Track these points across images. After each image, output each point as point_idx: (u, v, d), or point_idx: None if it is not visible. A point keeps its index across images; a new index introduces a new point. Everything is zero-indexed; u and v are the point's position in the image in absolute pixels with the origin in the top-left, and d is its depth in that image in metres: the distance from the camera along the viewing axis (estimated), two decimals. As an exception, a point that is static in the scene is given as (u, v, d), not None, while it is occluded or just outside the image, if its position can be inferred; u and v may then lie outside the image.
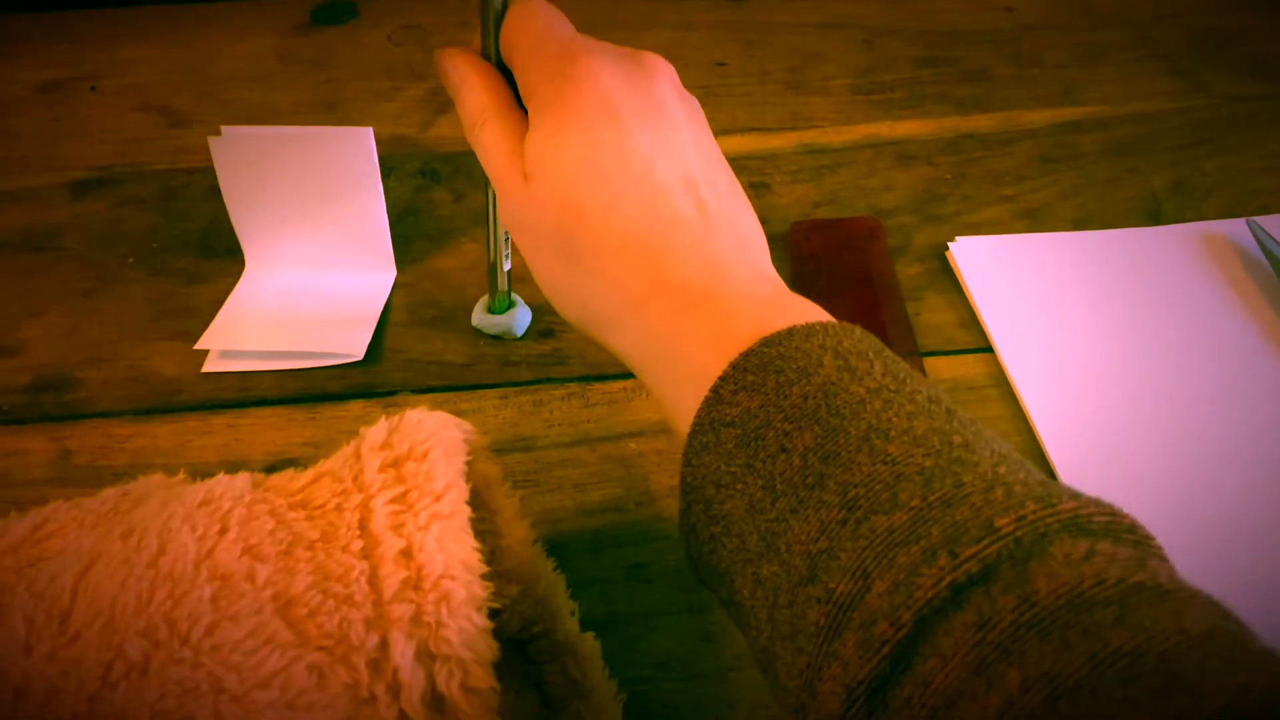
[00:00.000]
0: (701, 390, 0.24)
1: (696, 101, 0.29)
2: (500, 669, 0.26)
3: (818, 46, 0.53)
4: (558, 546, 0.32)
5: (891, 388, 0.23)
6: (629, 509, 0.35)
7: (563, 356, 0.39)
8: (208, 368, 0.38)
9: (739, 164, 0.46)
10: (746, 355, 0.24)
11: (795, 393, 0.22)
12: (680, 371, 0.25)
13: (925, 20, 0.54)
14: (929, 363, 0.38)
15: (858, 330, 0.24)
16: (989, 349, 0.39)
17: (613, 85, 0.27)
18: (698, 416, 0.24)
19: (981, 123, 0.48)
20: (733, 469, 0.23)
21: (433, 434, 0.26)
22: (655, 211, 0.26)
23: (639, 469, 0.36)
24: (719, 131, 0.47)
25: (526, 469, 0.35)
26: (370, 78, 0.51)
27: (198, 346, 0.38)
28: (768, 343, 0.24)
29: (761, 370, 0.23)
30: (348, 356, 0.38)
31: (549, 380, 0.38)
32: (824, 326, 0.24)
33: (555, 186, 0.27)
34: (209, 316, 0.40)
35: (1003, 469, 0.20)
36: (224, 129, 0.39)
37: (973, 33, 0.53)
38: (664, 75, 0.28)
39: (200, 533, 0.24)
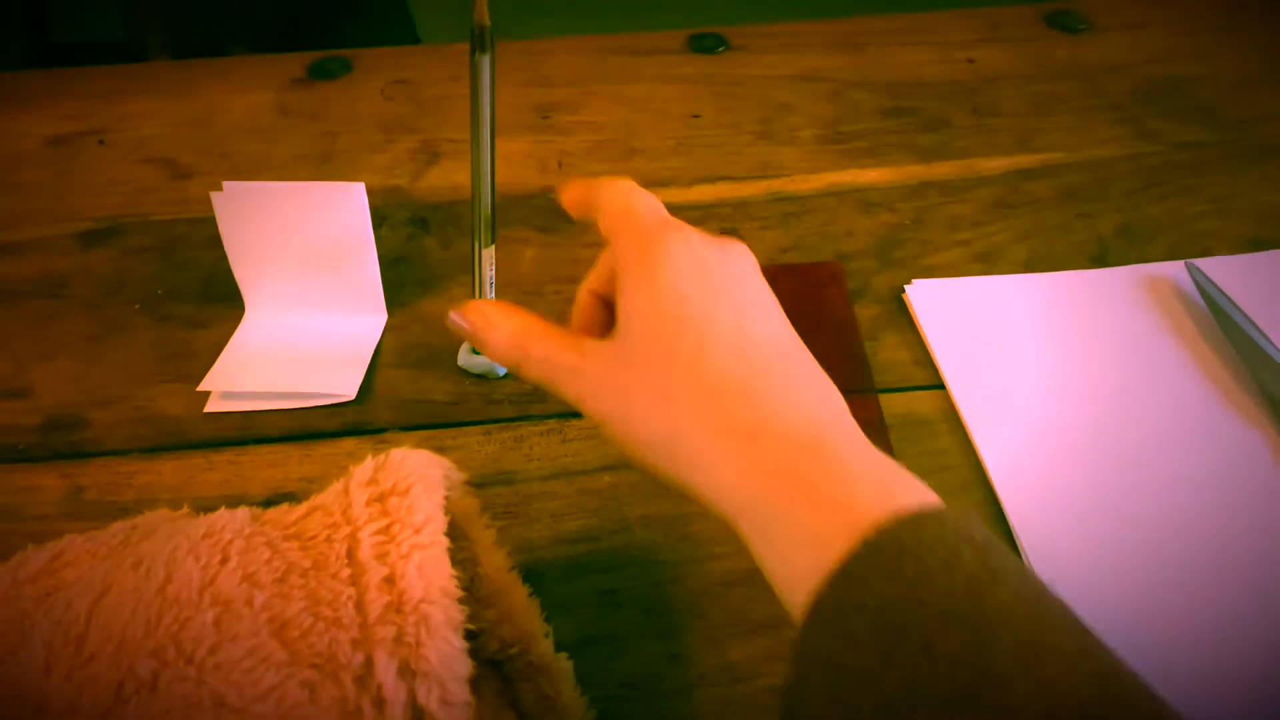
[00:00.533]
0: (820, 557, 0.23)
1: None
2: (478, 687, 0.28)
3: (787, 98, 0.56)
4: (535, 573, 0.34)
5: (1029, 596, 0.22)
6: (602, 538, 0.37)
7: (542, 395, 0.42)
8: (210, 408, 0.41)
9: (711, 212, 0.49)
10: (881, 534, 0.23)
11: (939, 587, 0.22)
12: (790, 529, 0.25)
13: (890, 72, 0.57)
14: (884, 398, 0.41)
15: (975, 516, 0.24)
16: (941, 386, 0.41)
17: (705, 253, 0.29)
18: (823, 594, 0.23)
19: (941, 170, 0.51)
20: (864, 660, 0.22)
21: (414, 471, 0.28)
22: (748, 361, 0.27)
23: (613, 500, 0.38)
24: (694, 180, 0.50)
25: (507, 501, 0.38)
26: (364, 130, 0.54)
27: (200, 388, 0.41)
28: (903, 524, 0.23)
29: (899, 555, 0.22)
30: (341, 396, 0.41)
31: (529, 417, 0.41)
32: (954, 514, 0.24)
33: (649, 336, 0.27)
34: (210, 360, 0.42)
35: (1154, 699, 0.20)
36: (225, 184, 0.42)
37: (935, 84, 0.56)
38: (748, 254, 0.30)
39: (204, 562, 0.26)
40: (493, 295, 0.40)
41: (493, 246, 0.40)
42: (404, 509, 0.27)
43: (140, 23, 1.18)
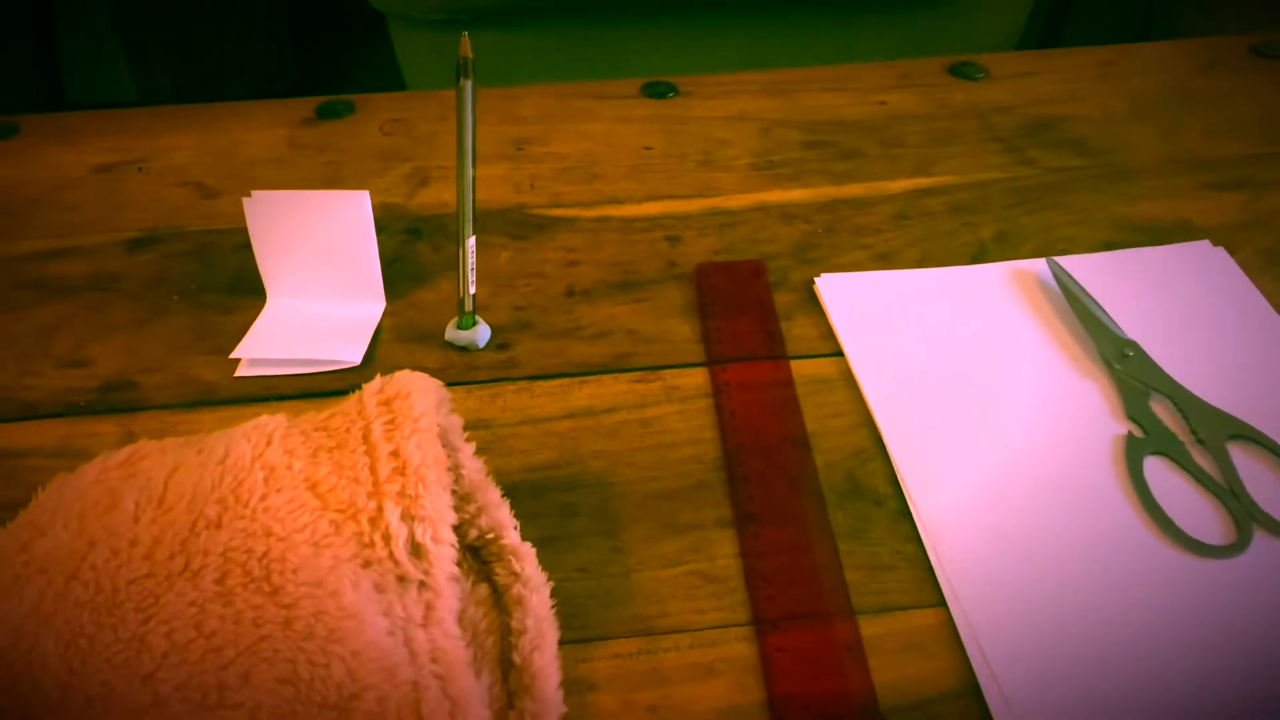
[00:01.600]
0: None
1: None
2: (460, 564, 0.37)
3: (725, 135, 0.66)
4: (508, 492, 0.42)
5: None
6: (562, 467, 0.46)
7: (515, 363, 0.51)
8: (239, 373, 0.50)
9: (659, 223, 0.59)
10: None
11: None
12: None
13: (813, 113, 0.67)
14: (795, 364, 0.50)
15: None
16: (840, 354, 0.50)
17: None
18: None
19: (852, 190, 0.61)
20: None
21: (413, 382, 0.37)
22: None
23: (571, 440, 0.47)
24: (645, 198, 0.59)
25: (485, 440, 0.46)
26: (365, 160, 0.64)
27: (231, 356, 0.50)
28: None
29: None
30: (348, 362, 0.50)
31: (504, 379, 0.50)
32: None
33: None
34: (239, 337, 0.51)
35: None
36: (254, 192, 0.51)
37: (851, 121, 0.67)
38: None
39: (253, 443, 0.35)
40: (474, 279, 0.50)
41: (474, 237, 0.49)
42: (405, 407, 0.36)
43: (151, 84, 1.29)
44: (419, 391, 0.36)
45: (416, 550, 0.34)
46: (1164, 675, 0.38)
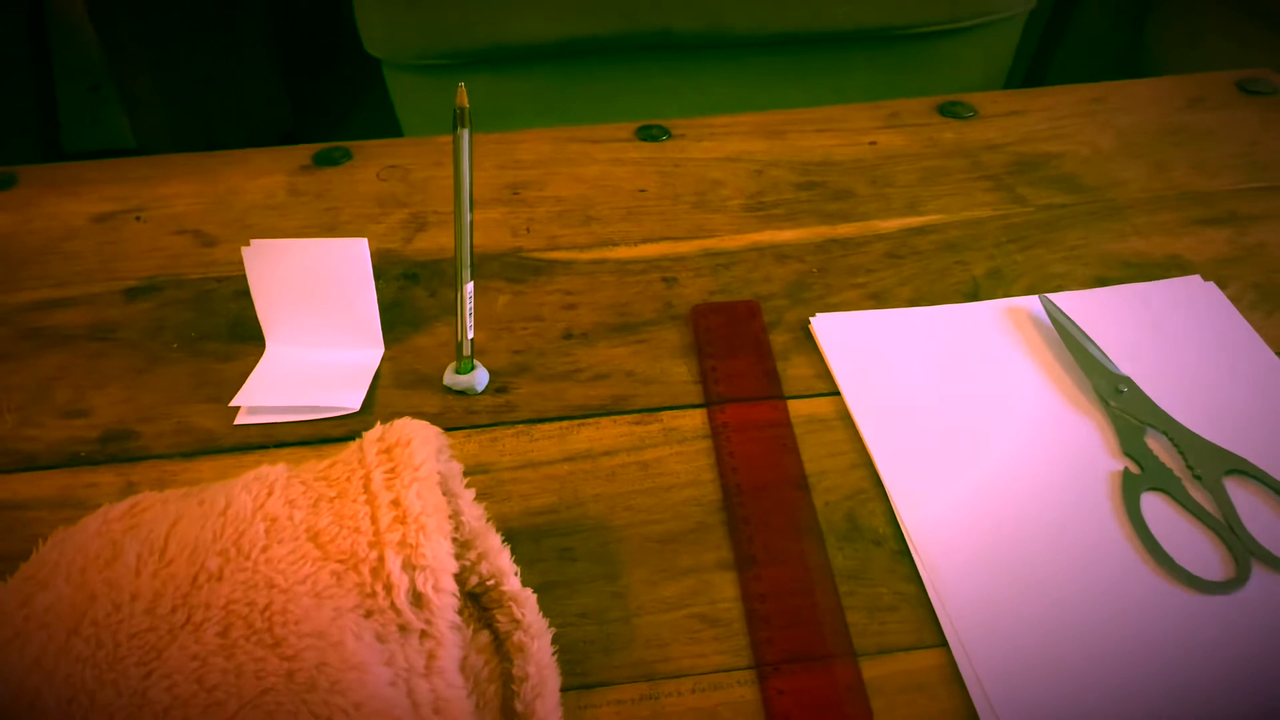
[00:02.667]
0: None
1: None
2: (461, 612, 0.37)
3: (719, 175, 0.66)
4: (508, 538, 0.42)
5: None
6: (561, 511, 0.46)
7: (513, 406, 0.51)
8: (239, 421, 0.50)
9: (655, 264, 0.59)
10: None
11: None
12: None
13: (804, 154, 0.68)
14: (791, 404, 0.50)
15: None
16: (837, 393, 0.51)
17: None
18: None
19: (844, 230, 0.61)
20: None
21: (413, 430, 0.37)
22: None
23: (570, 484, 0.47)
24: (640, 240, 0.60)
25: (485, 485, 0.47)
26: (362, 206, 0.64)
27: (232, 404, 0.50)
28: None
29: None
30: (347, 409, 0.50)
31: (503, 423, 0.50)
32: None
33: None
34: (238, 385, 0.51)
35: None
36: (253, 241, 0.51)
37: (842, 161, 0.67)
38: None
39: (254, 493, 0.35)
40: (472, 323, 0.50)
41: (472, 283, 0.49)
42: (406, 455, 0.36)
43: (148, 132, 1.30)
44: (419, 439, 0.37)
45: (418, 599, 0.34)
46: (1166, 712, 0.38)
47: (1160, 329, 0.53)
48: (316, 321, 0.53)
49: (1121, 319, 0.54)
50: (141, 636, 0.32)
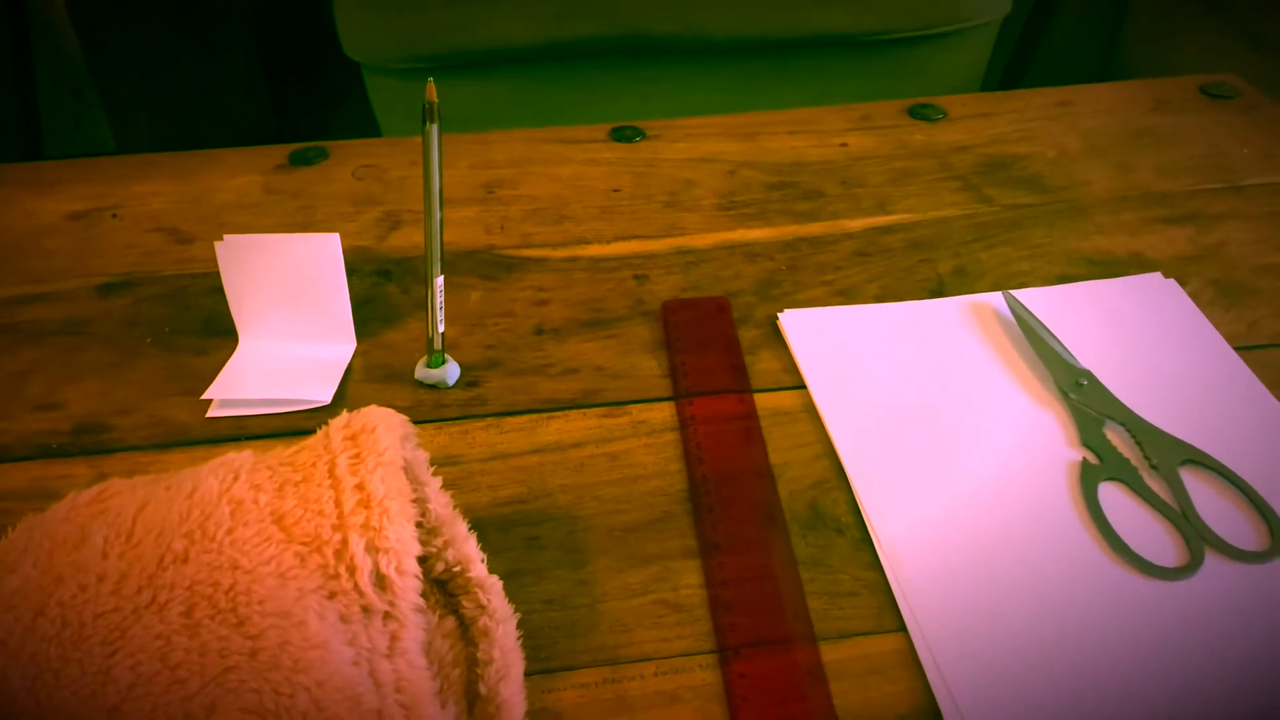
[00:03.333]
0: None
1: None
2: (427, 597, 0.37)
3: (691, 176, 0.67)
4: (476, 526, 0.42)
5: None
6: (530, 501, 0.46)
7: (484, 400, 0.51)
8: (211, 414, 0.50)
9: (627, 262, 0.60)
10: None
11: None
12: None
13: (776, 155, 0.69)
14: (758, 397, 0.51)
15: None
16: (803, 387, 0.51)
17: None
18: None
19: (813, 229, 0.62)
20: None
21: (378, 417, 0.38)
22: None
23: (539, 475, 0.47)
24: (613, 238, 0.61)
25: (454, 476, 0.47)
26: (337, 205, 0.65)
27: (204, 396, 0.50)
28: None
29: None
30: (318, 401, 0.50)
31: (473, 416, 0.50)
32: None
33: None
34: (211, 379, 0.52)
35: None
36: (226, 236, 0.52)
37: (813, 163, 0.68)
38: None
39: (220, 478, 0.36)
40: (442, 317, 0.50)
41: (441, 277, 0.50)
42: (371, 441, 0.37)
43: (129, 135, 1.30)
44: (384, 426, 0.37)
45: (381, 582, 0.34)
46: (1119, 695, 0.38)
47: (1121, 324, 0.54)
48: (289, 316, 0.53)
49: (1083, 315, 0.55)
50: (107, 617, 0.32)
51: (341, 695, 0.31)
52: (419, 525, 0.38)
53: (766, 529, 0.44)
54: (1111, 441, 0.48)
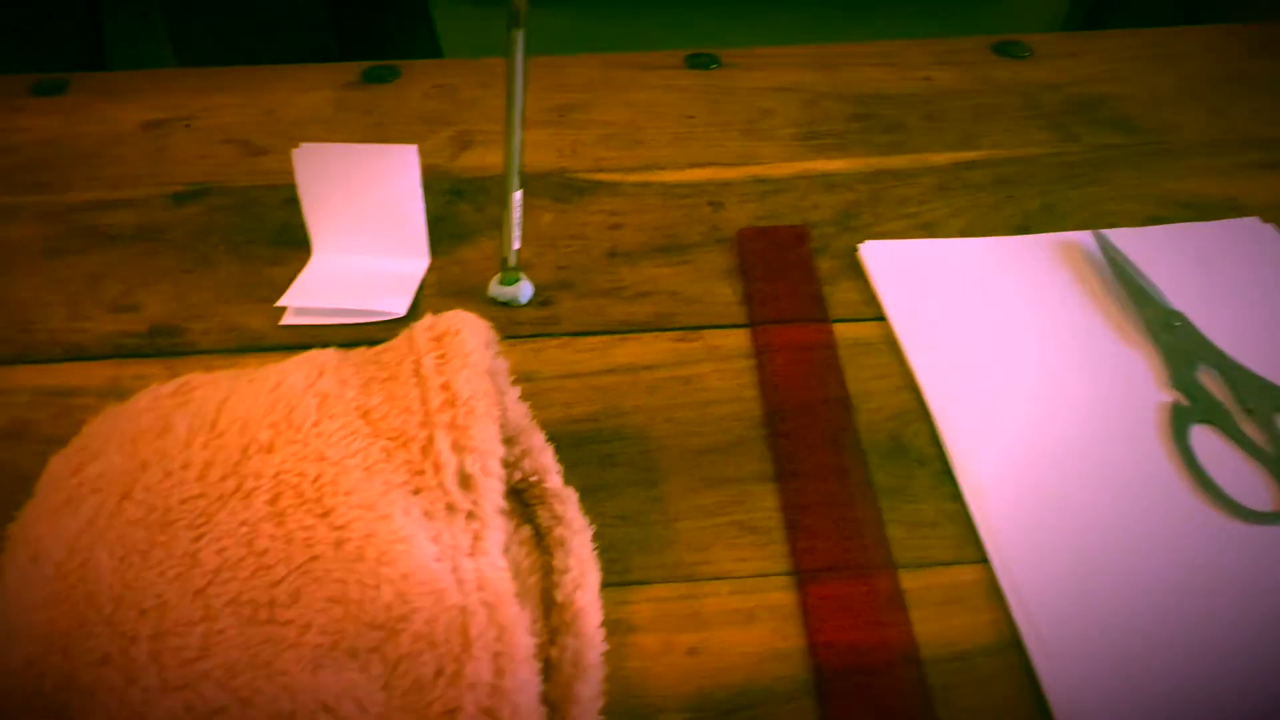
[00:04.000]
0: None
1: None
2: (504, 505, 0.37)
3: (769, 105, 0.65)
4: (550, 441, 0.42)
5: None
6: (603, 420, 0.46)
7: (557, 319, 0.51)
8: (285, 321, 0.50)
9: (701, 189, 0.59)
10: None
11: None
12: None
13: (858, 86, 0.67)
14: (836, 327, 0.50)
15: None
16: (883, 319, 0.50)
17: None
18: None
19: (895, 161, 0.61)
20: None
21: (463, 321, 0.37)
22: None
23: (612, 395, 0.47)
24: (687, 165, 0.59)
25: (528, 392, 0.46)
26: (409, 124, 0.64)
27: (278, 304, 0.50)
28: None
29: None
30: (393, 313, 0.50)
31: (546, 334, 0.50)
32: None
33: None
34: (284, 288, 0.52)
35: None
36: (303, 144, 0.51)
37: (896, 95, 0.66)
38: None
39: (306, 372, 0.35)
40: (519, 234, 0.50)
41: (520, 191, 0.49)
42: (456, 343, 0.36)
43: (192, 61, 1.30)
44: (469, 329, 0.37)
45: (465, 481, 0.34)
46: (1207, 636, 0.37)
47: (1215, 268, 0.53)
48: (363, 228, 0.53)
49: (1176, 257, 0.53)
50: (192, 503, 0.32)
51: (425, 590, 0.31)
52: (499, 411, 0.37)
53: (844, 457, 0.44)
54: (1203, 384, 0.46)
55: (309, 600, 0.31)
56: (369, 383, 0.35)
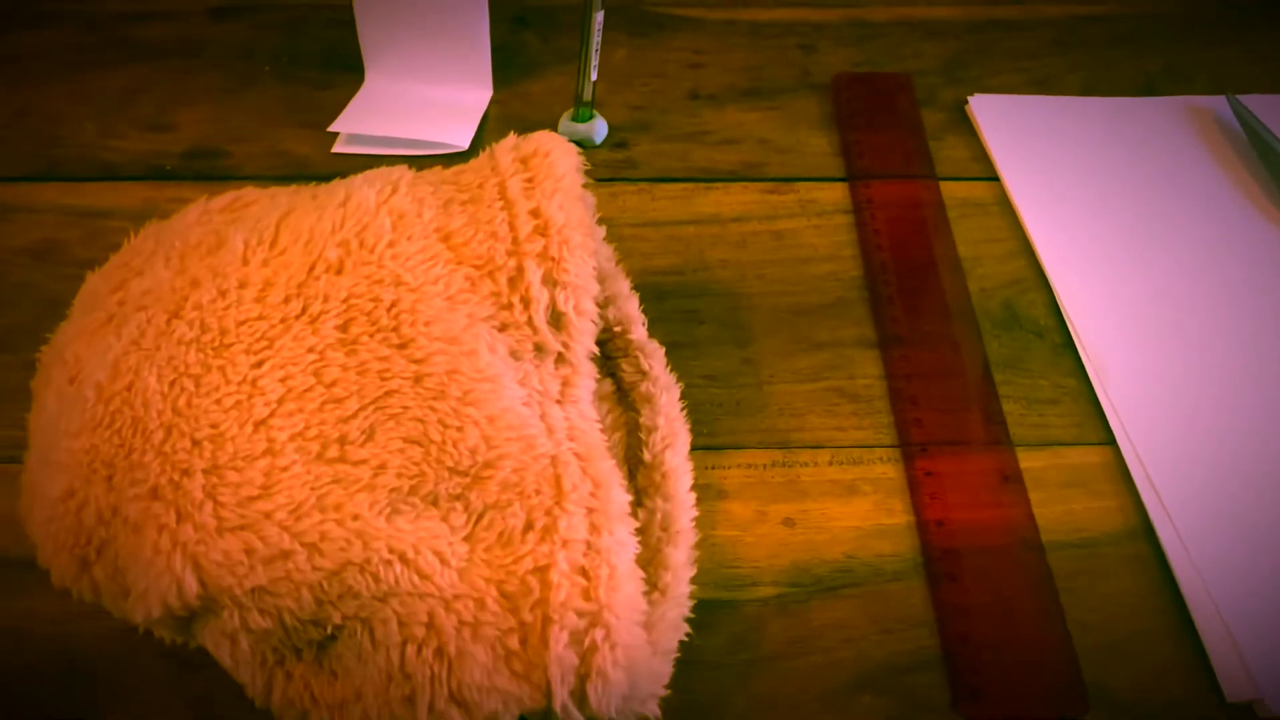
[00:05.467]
0: None
1: None
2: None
3: (865, -56, 0.59)
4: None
5: None
6: (686, 273, 0.42)
7: (634, 163, 0.46)
8: (336, 149, 0.46)
9: (792, 29, 0.53)
10: None
11: None
12: None
13: (961, -70, 0.61)
14: (945, 185, 0.45)
15: None
16: (995, 179, 0.45)
17: None
18: None
19: (1006, 12, 0.55)
20: None
21: (553, 142, 0.33)
22: None
23: (696, 247, 0.43)
24: (776, 3, 0.54)
25: (604, 240, 0.42)
26: (468, -54, 0.58)
27: (331, 129, 0.46)
28: None
29: None
30: (454, 146, 0.46)
31: (622, 179, 0.45)
32: None
33: None
34: (334, 114, 0.47)
35: None
36: (360, -47, 0.46)
37: (1003, -58, 0.60)
38: None
39: (378, 188, 0.31)
40: (597, 61, 0.45)
41: (601, 12, 0.44)
42: (546, 165, 0.32)
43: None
44: (560, 151, 0.32)
45: (557, 320, 0.30)
46: (1361, 536, 0.34)
47: (1363, 142, 0.47)
48: (423, 52, 0.48)
49: (1319, 128, 0.48)
50: (251, 325, 0.28)
51: (514, 434, 0.27)
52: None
53: (955, 325, 0.39)
54: (1351, 267, 0.42)
55: (384, 439, 0.27)
56: (449, 204, 0.31)
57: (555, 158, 0.32)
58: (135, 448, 0.27)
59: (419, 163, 0.43)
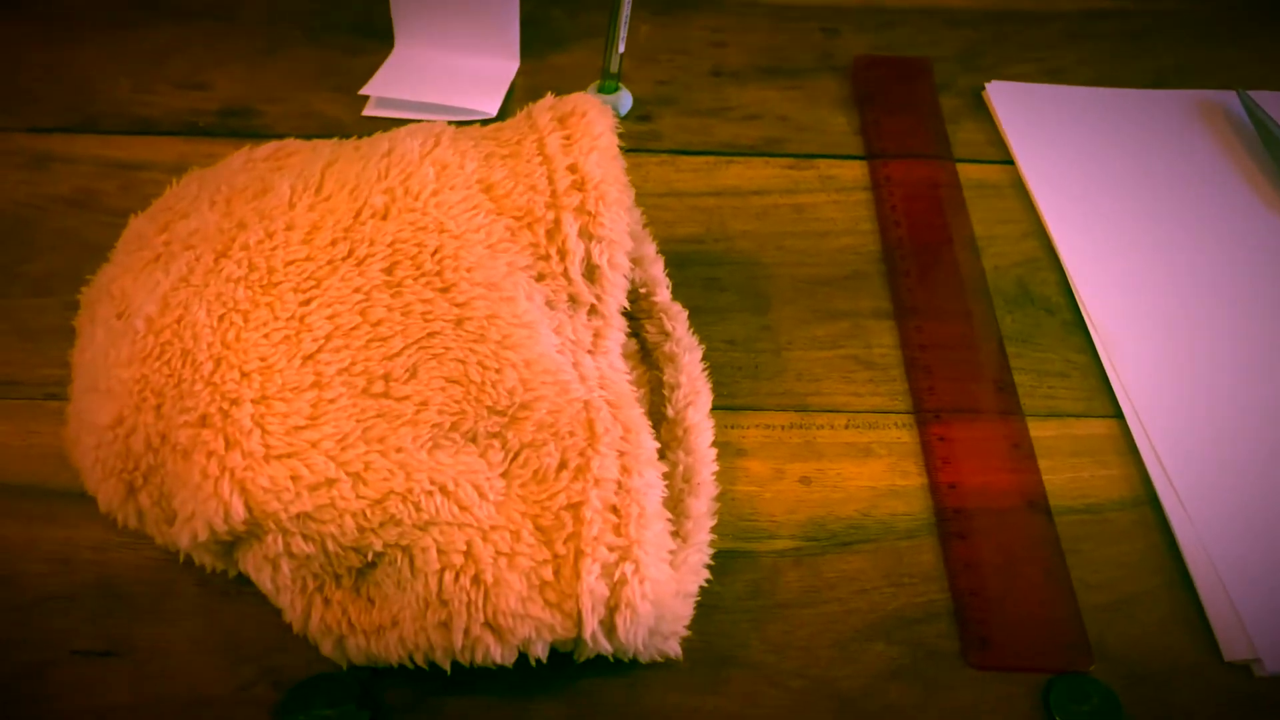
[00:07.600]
0: None
1: None
2: None
3: (885, -66, 0.60)
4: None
5: None
6: (708, 242, 0.43)
7: (658, 135, 0.47)
8: (367, 112, 0.47)
9: (814, 13, 0.54)
10: None
11: None
12: None
13: (980, -77, 0.62)
14: (961, 167, 0.46)
15: None
16: (1010, 162, 0.47)
17: None
18: None
19: (1021, 3, 0.56)
20: None
21: (589, 102, 0.34)
22: None
23: (718, 217, 0.44)
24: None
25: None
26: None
27: (362, 91, 0.46)
28: None
29: None
30: (483, 113, 0.46)
31: (647, 150, 0.46)
32: None
33: None
34: (364, 78, 0.48)
35: None
36: (397, -80, 0.47)
37: (1021, -63, 0.61)
38: None
39: (421, 140, 0.32)
40: (625, 35, 0.46)
41: (634, -13, 0.45)
42: (583, 124, 0.33)
43: None
44: (596, 111, 0.33)
45: (591, 273, 0.31)
46: (1356, 510, 0.35)
47: (1368, 140, 0.49)
48: (452, 21, 0.49)
49: (1325, 125, 0.49)
50: (299, 265, 0.29)
51: (550, 379, 0.29)
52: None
53: (969, 300, 0.41)
54: (1353, 258, 0.43)
55: (426, 377, 0.28)
56: (490, 157, 0.32)
57: (592, 117, 0.33)
58: (185, 378, 0.28)
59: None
